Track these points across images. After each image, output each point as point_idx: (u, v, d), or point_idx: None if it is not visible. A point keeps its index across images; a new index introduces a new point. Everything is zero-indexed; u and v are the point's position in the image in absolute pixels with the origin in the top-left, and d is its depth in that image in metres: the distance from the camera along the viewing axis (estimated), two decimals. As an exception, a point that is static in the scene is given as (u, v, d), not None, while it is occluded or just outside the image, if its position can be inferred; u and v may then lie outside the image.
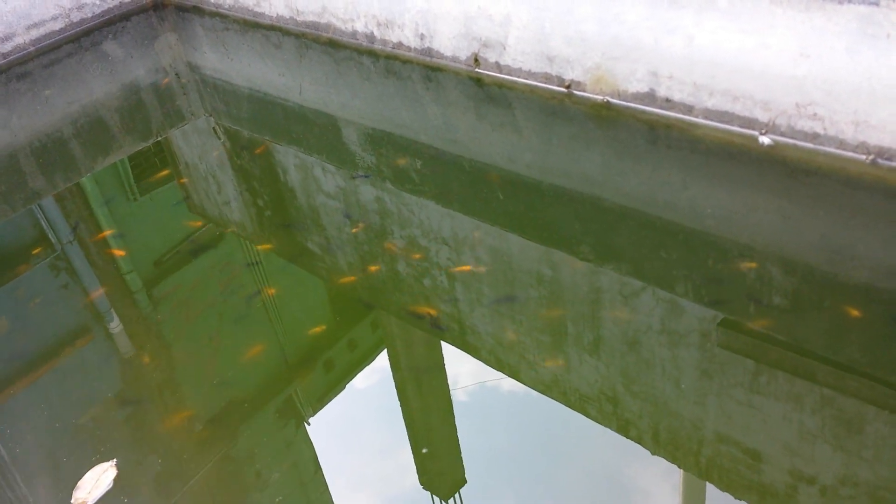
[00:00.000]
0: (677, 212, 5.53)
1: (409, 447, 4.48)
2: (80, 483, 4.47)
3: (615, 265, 5.19)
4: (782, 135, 5.66)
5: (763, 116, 5.72)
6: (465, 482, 4.20)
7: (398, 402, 4.83)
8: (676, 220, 5.46)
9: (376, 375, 5.09)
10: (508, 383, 4.68)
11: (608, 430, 4.30)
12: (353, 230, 5.95)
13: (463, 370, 4.84)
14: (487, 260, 5.42)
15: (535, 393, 4.61)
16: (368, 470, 4.41)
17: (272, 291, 5.73)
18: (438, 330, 5.06)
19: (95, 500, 4.36)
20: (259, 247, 6.22)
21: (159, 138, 8.20)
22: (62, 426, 4.88)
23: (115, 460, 4.54)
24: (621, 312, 4.86)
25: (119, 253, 6.71)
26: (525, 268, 5.31)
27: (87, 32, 10.65)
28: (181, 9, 11.02)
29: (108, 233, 7.06)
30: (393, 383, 5.00)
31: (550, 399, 4.55)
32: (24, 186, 7.63)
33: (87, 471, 4.51)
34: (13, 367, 5.45)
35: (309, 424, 4.79)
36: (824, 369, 4.19)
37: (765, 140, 5.71)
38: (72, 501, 4.37)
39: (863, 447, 3.84)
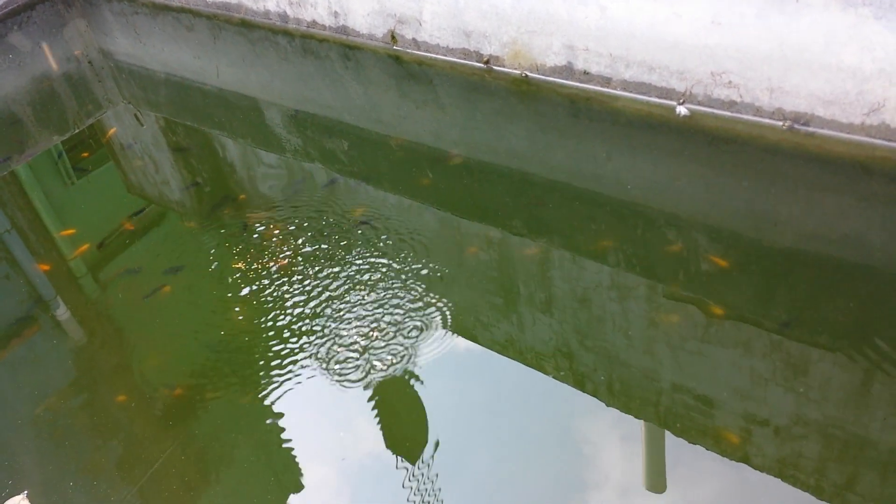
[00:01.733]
0: (603, 183, 5.68)
1: (375, 413, 4.55)
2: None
3: (547, 238, 5.33)
4: (700, 104, 5.82)
5: (679, 86, 5.88)
6: (427, 442, 4.30)
7: (361, 375, 4.79)
8: (603, 191, 5.61)
9: (337, 348, 5.04)
10: (465, 345, 4.80)
11: (565, 385, 4.47)
12: (294, 207, 5.99)
13: (424, 341, 4.87)
14: (427, 235, 5.52)
15: (492, 353, 4.75)
16: (334, 437, 4.48)
17: (221, 271, 5.67)
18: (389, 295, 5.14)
19: None
20: (202, 223, 6.19)
21: (76, 130, 8.10)
22: (18, 419, 4.88)
23: (26, 491, 4.49)
24: (552, 291, 5.01)
25: (61, 238, 6.65)
26: (466, 240, 5.44)
27: (-9, 26, 10.33)
28: (87, -7, 10.85)
29: (46, 219, 6.95)
30: (354, 353, 5.00)
31: (508, 358, 4.71)
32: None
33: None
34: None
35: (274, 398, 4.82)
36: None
37: (682, 110, 5.86)
38: None
39: (802, 384, 4.06)
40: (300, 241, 5.66)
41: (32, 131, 8.22)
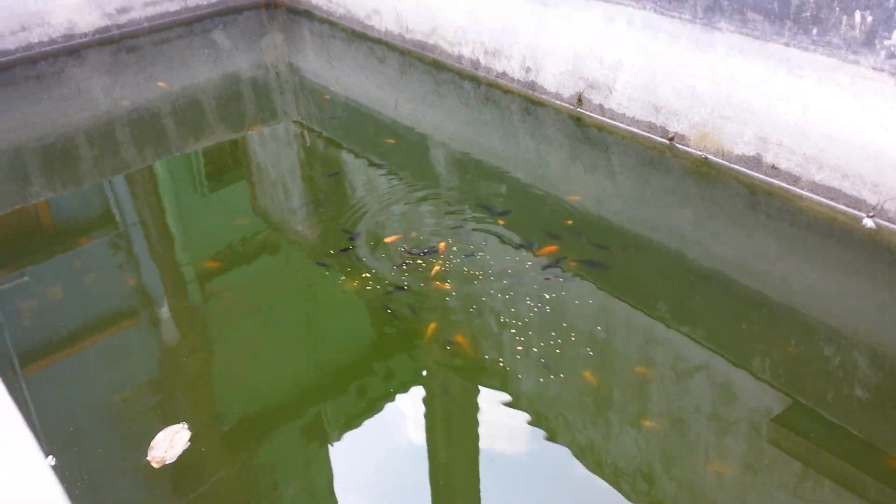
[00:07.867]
0: (766, 283, 5.22)
1: (429, 489, 4.21)
2: (153, 444, 4.34)
3: (689, 328, 4.90)
4: (889, 220, 5.34)
5: (871, 198, 5.39)
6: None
7: (425, 441, 4.56)
8: (764, 291, 5.15)
9: (408, 410, 4.78)
10: (542, 442, 4.37)
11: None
12: (413, 261, 5.64)
13: (498, 421, 4.52)
14: (549, 308, 5.11)
15: (569, 456, 4.26)
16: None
17: (320, 307, 5.52)
18: (479, 376, 4.76)
19: (174, 458, 4.27)
20: (315, 262, 5.93)
21: (251, 131, 8.12)
22: (91, 404, 4.74)
23: (184, 423, 4.45)
24: (676, 387, 4.55)
25: (182, 245, 6.66)
26: (587, 321, 5.02)
27: (200, 18, 10.88)
28: (292, 10, 11.02)
29: (171, 222, 6.98)
30: (423, 420, 4.71)
31: (583, 466, 4.21)
32: (116, 155, 7.72)
33: (158, 432, 4.41)
34: (56, 336, 5.33)
35: (332, 447, 4.54)
36: (875, 486, 3.84)
37: (869, 223, 5.38)
38: (148, 459, 4.25)
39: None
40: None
41: (211, 123, 8.39)
